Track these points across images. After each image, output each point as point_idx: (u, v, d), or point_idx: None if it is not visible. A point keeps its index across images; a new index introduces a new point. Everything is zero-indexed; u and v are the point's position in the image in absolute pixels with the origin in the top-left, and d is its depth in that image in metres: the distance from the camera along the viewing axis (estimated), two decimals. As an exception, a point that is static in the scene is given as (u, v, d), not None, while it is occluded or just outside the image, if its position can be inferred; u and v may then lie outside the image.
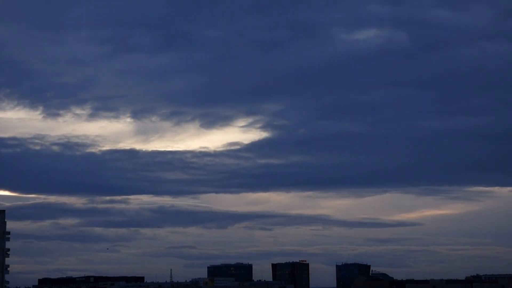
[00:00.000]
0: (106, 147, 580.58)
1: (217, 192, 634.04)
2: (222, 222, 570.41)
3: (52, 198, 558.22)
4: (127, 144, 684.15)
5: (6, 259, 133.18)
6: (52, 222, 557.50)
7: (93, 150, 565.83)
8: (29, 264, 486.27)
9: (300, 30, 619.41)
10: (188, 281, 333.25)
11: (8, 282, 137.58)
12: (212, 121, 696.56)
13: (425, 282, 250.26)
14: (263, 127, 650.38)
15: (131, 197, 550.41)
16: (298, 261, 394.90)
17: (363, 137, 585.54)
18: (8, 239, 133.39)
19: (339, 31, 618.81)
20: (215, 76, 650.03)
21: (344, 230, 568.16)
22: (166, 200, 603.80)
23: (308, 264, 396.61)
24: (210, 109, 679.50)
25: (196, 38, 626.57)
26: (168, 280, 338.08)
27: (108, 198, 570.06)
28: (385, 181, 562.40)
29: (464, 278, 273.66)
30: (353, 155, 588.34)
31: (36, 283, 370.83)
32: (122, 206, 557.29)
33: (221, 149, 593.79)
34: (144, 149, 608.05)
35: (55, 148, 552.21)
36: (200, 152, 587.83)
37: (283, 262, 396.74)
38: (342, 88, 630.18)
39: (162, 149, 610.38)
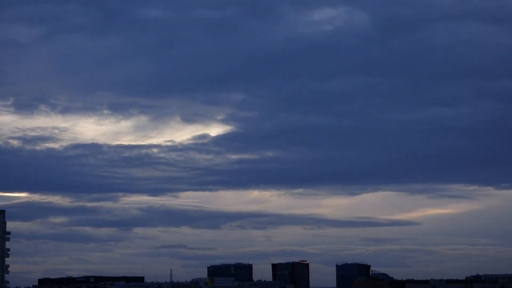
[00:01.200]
0: (65, 141, 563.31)
1: (195, 190, 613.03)
2: (214, 221, 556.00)
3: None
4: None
5: (6, 259, 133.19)
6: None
7: (53, 145, 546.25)
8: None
9: (250, 8, 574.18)
10: (188, 281, 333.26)
11: (8, 282, 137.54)
12: (169, 112, 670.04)
13: (425, 282, 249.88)
14: (226, 120, 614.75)
15: (107, 195, 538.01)
16: (298, 261, 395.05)
17: (333, 130, 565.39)
18: (8, 239, 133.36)
19: (291, 10, 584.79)
20: (163, 62, 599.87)
21: (343, 230, 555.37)
22: (145, 199, 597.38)
23: (308, 264, 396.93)
24: (165, 100, 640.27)
25: (135, 19, 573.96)
26: (168, 280, 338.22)
27: (92, 196, 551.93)
28: (374, 178, 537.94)
29: (464, 278, 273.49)
30: (328, 150, 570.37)
31: (36, 283, 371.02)
32: (111, 205, 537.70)
33: (187, 143, 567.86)
34: (107, 144, 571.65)
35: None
36: (167, 146, 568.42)
37: (283, 262, 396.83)
38: (302, 76, 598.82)
39: (127, 143, 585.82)
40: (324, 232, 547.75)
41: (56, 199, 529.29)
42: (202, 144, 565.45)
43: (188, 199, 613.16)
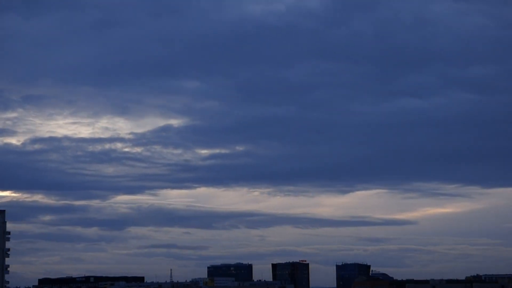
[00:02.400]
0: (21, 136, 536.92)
1: (173, 188, 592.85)
2: (207, 221, 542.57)
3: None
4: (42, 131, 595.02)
5: (6, 259, 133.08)
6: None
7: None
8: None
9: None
10: (188, 281, 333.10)
11: (8, 282, 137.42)
12: (120, 103, 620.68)
13: (425, 282, 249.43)
14: (183, 111, 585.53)
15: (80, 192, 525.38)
16: (298, 261, 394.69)
17: (299, 123, 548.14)
18: (8, 239, 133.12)
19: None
20: (104, 46, 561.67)
21: (338, 230, 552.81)
22: (128, 199, 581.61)
23: (308, 264, 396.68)
24: (114, 88, 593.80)
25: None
26: (168, 280, 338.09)
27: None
28: (360, 175, 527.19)
29: (464, 278, 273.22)
30: (300, 144, 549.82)
31: (36, 283, 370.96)
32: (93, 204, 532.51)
33: (149, 136, 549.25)
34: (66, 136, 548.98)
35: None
36: (130, 140, 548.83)
37: (283, 262, 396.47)
38: (258, 63, 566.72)
39: (88, 137, 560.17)
40: (320, 231, 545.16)
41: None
42: (165, 138, 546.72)
43: (176, 198, 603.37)
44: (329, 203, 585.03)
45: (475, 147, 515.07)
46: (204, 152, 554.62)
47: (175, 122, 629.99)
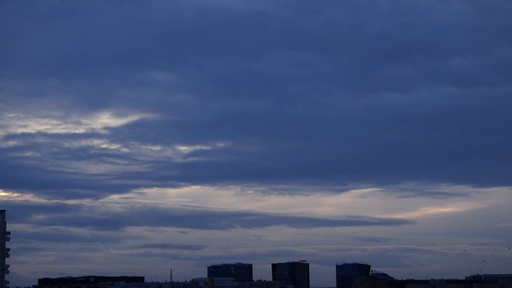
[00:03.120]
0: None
1: (160, 187, 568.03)
2: (202, 220, 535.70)
3: None
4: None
5: (6, 259, 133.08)
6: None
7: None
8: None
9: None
10: (188, 281, 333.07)
11: (8, 282, 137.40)
12: (90, 95, 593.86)
13: (425, 282, 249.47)
14: (156, 105, 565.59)
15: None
16: (298, 261, 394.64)
17: (276, 118, 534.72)
18: (8, 239, 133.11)
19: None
20: (65, 35, 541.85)
21: (335, 230, 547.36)
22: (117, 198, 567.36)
23: (308, 264, 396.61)
24: (81, 80, 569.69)
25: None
26: (168, 280, 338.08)
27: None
28: (353, 173, 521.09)
29: (464, 278, 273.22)
30: (283, 141, 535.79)
31: (36, 283, 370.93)
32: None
33: (126, 131, 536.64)
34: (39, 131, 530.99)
35: None
36: (106, 135, 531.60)
37: (283, 262, 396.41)
38: (229, 53, 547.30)
39: (62, 132, 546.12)
40: (318, 231, 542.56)
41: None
42: (142, 133, 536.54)
43: (170, 198, 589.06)
44: (326, 202, 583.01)
45: (464, 144, 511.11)
46: (184, 148, 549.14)
47: (149, 116, 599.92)
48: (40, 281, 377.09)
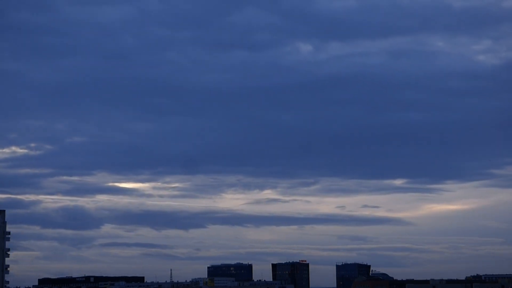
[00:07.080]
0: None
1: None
2: (196, 221, 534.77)
3: None
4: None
5: (6, 259, 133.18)
6: None
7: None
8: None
9: None
10: (188, 281, 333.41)
11: (8, 282, 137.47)
12: None
13: (425, 282, 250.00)
14: None
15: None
16: (298, 261, 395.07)
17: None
18: (8, 239, 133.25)
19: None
20: None
21: (332, 229, 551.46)
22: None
23: (308, 264, 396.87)
24: None
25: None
26: (168, 280, 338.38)
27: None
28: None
29: (464, 278, 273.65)
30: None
31: (36, 283, 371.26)
32: None
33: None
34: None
35: None
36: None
37: (283, 262, 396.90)
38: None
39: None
40: (317, 231, 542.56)
41: None
42: None
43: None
44: (323, 202, 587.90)
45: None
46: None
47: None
48: (40, 281, 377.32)
